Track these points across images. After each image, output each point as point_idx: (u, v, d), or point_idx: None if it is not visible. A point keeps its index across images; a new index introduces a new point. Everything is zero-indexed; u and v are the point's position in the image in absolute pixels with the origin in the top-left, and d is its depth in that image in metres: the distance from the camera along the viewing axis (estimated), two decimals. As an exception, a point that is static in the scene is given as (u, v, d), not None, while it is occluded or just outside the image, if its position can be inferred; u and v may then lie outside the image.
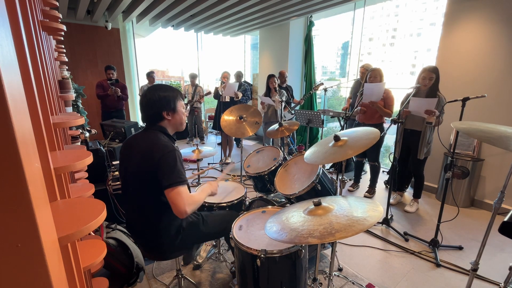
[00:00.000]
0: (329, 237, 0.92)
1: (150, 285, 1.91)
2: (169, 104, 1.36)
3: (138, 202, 1.35)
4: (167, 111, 1.36)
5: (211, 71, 25.18)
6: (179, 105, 1.41)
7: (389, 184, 2.88)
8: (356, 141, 1.41)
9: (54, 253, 0.48)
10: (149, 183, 1.28)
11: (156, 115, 1.35)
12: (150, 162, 1.25)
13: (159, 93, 1.34)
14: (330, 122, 7.67)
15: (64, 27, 1.19)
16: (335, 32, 72.79)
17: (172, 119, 1.39)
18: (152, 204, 1.33)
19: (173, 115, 1.39)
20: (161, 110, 1.35)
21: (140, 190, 1.32)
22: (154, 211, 1.34)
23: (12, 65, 0.41)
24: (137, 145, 1.33)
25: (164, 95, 1.35)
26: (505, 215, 1.22)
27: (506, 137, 1.21)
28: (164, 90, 1.36)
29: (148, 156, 1.26)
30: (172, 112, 1.38)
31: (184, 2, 4.19)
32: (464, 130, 1.35)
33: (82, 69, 5.44)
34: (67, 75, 2.50)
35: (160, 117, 1.36)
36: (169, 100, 1.36)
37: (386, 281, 1.96)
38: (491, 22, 2.86)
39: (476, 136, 1.29)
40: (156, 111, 1.35)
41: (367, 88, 2.87)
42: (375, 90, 2.85)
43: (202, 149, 2.40)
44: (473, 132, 1.31)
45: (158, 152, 1.25)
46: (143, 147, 1.30)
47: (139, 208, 1.36)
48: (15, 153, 0.36)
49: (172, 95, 1.37)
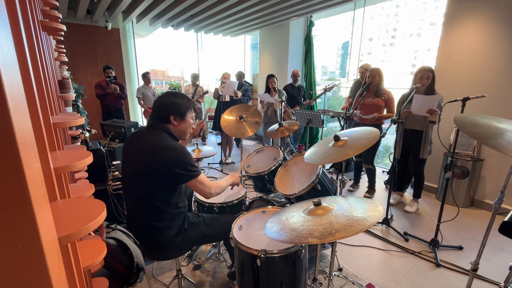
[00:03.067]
0: (329, 237, 0.92)
1: (150, 285, 1.91)
2: (179, 110, 1.40)
3: (139, 200, 1.36)
4: (175, 116, 1.40)
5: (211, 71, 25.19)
6: (189, 115, 1.46)
7: (389, 184, 2.88)
8: (356, 141, 1.41)
9: (54, 253, 0.48)
10: (152, 180, 1.29)
11: (164, 117, 1.39)
12: (158, 161, 1.26)
13: (173, 98, 1.40)
14: (330, 122, 7.67)
15: (64, 27, 1.19)
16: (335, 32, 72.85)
17: (178, 126, 1.42)
18: (153, 202, 1.33)
19: (180, 122, 1.42)
20: (170, 114, 1.39)
21: (142, 187, 1.33)
22: (156, 209, 1.34)
23: (12, 65, 0.41)
24: (142, 143, 1.34)
25: (177, 101, 1.40)
26: (505, 215, 1.22)
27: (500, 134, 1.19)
28: (179, 97, 1.42)
29: (155, 155, 1.28)
30: (179, 119, 1.42)
31: (184, 2, 4.19)
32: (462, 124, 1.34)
33: (82, 69, 5.44)
34: (67, 75, 2.50)
35: (167, 119, 1.39)
36: (180, 107, 1.41)
37: (386, 281, 1.96)
38: (491, 22, 2.86)
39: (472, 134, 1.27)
40: (165, 113, 1.39)
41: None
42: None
43: (202, 149, 2.40)
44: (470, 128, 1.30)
45: (170, 152, 1.29)
46: (148, 146, 1.31)
47: (140, 205, 1.36)
48: (15, 153, 0.36)
49: (185, 104, 1.43)
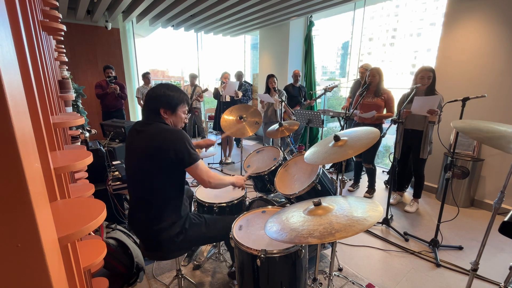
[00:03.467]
0: (329, 237, 0.92)
1: (150, 285, 1.91)
2: (169, 103, 1.36)
3: (142, 198, 1.36)
4: (165, 109, 1.36)
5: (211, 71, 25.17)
6: (180, 109, 1.41)
7: (389, 184, 2.88)
8: (356, 141, 1.41)
9: (54, 253, 0.48)
10: (154, 170, 1.29)
11: (154, 110, 1.35)
12: (158, 147, 1.26)
13: (165, 90, 1.36)
14: (330, 122, 7.67)
15: (64, 27, 1.19)
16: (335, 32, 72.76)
17: (168, 119, 1.39)
18: (156, 200, 1.33)
19: (170, 115, 1.38)
20: (160, 106, 1.35)
21: (144, 183, 1.33)
22: (158, 208, 1.34)
23: (12, 65, 0.41)
24: (139, 135, 1.33)
25: (169, 93, 1.36)
26: (505, 215, 1.22)
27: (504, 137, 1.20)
28: (171, 89, 1.37)
29: (154, 141, 1.27)
30: (170, 112, 1.38)
31: (184, 2, 4.19)
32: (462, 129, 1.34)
33: (82, 69, 5.44)
34: (67, 75, 2.50)
35: (157, 112, 1.35)
36: (171, 100, 1.36)
37: (386, 281, 1.96)
38: (491, 22, 2.86)
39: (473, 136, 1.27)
40: (155, 106, 1.35)
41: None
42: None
43: (202, 149, 2.40)
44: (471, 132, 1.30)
45: (168, 135, 1.28)
46: (146, 134, 1.30)
47: (143, 204, 1.36)
48: (15, 153, 0.36)
49: (177, 97, 1.38)
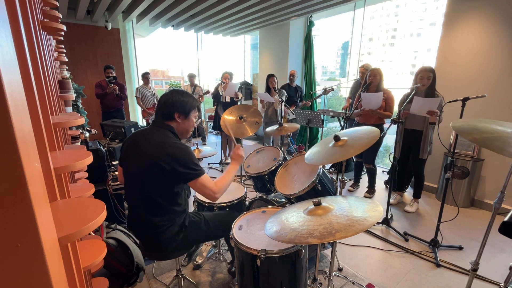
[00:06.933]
0: (329, 237, 0.92)
1: (150, 285, 1.91)
2: (184, 108, 1.42)
3: (142, 198, 1.36)
4: (179, 114, 1.41)
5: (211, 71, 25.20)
6: (193, 114, 1.47)
7: (389, 184, 2.88)
8: (356, 141, 1.41)
9: (54, 253, 0.48)
10: (156, 178, 1.30)
11: (169, 114, 1.41)
12: (163, 159, 1.27)
13: (179, 97, 1.41)
14: (330, 122, 7.68)
15: (64, 27, 1.19)
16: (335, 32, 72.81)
17: (181, 124, 1.44)
18: (156, 200, 1.33)
19: (183, 120, 1.44)
20: (175, 111, 1.40)
21: (145, 185, 1.33)
22: (158, 207, 1.34)
23: (12, 65, 0.41)
24: (147, 141, 1.36)
25: (183, 99, 1.42)
26: (505, 215, 1.22)
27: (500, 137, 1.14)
28: (185, 96, 1.44)
29: (160, 153, 1.29)
30: (183, 117, 1.43)
31: (184, 2, 4.19)
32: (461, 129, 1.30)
33: (82, 69, 5.44)
34: (67, 75, 2.50)
35: (172, 117, 1.41)
36: (186, 105, 1.42)
37: (386, 281, 1.96)
38: (491, 22, 2.86)
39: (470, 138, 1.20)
40: (170, 111, 1.40)
41: (364, 98, 2.84)
42: (373, 99, 2.82)
43: (202, 149, 2.40)
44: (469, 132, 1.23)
45: (174, 151, 1.30)
46: (153, 144, 1.32)
47: (143, 203, 1.36)
48: (15, 153, 0.36)
49: (190, 103, 1.44)
